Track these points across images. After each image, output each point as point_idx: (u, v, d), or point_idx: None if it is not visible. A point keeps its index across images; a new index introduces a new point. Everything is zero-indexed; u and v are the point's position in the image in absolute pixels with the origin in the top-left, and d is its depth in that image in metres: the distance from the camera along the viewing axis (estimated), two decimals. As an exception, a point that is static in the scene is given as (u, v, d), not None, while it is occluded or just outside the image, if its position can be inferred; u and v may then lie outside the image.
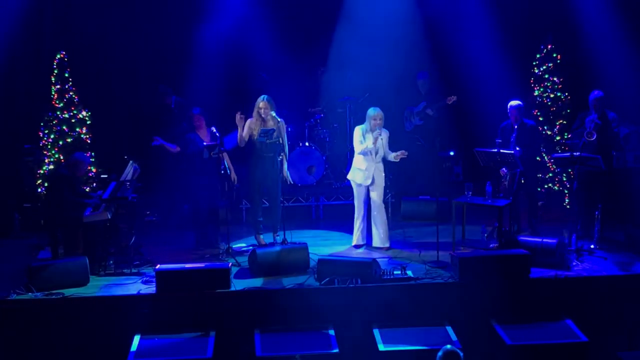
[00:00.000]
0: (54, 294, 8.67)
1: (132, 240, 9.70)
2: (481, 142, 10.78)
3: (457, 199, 10.23)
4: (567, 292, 8.91)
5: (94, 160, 11.28)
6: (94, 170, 11.25)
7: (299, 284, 8.95)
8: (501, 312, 8.68)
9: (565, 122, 12.18)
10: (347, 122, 12.58)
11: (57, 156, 11.15)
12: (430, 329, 8.43)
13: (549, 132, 12.22)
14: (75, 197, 9.70)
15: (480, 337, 8.53)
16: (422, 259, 9.71)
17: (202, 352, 8.01)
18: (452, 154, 13.09)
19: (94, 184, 11.09)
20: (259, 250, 9.48)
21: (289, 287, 8.90)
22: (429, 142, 12.72)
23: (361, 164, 10.21)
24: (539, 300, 8.87)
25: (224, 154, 10.30)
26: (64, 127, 11.25)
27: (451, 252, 9.47)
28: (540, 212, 11.06)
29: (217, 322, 8.51)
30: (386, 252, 10.11)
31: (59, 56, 11.30)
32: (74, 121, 11.30)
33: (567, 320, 8.59)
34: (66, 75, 11.31)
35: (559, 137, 12.19)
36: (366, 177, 10.18)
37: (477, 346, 8.35)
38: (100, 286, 9.01)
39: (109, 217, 9.56)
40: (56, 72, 11.32)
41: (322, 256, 9.22)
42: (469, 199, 10.11)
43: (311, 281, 9.01)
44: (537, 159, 11.32)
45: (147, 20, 12.39)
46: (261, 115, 10.12)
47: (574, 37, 12.59)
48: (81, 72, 11.69)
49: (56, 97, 11.30)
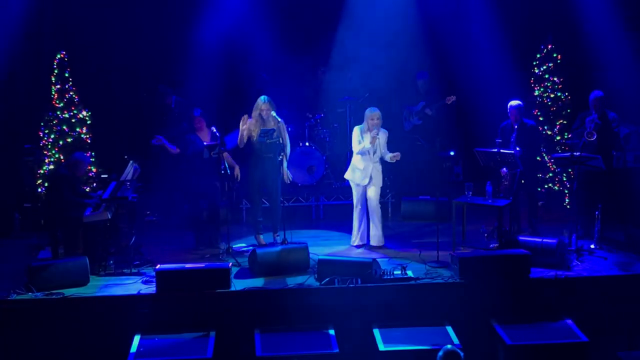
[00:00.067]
0: (54, 294, 8.66)
1: (132, 240, 9.71)
2: (481, 142, 10.77)
3: (457, 199, 10.22)
4: (567, 292, 8.91)
5: (94, 160, 11.29)
6: (94, 170, 11.25)
7: (299, 284, 8.94)
8: (501, 312, 8.68)
9: (565, 122, 12.19)
10: (347, 122, 12.58)
11: (57, 156, 11.15)
12: (430, 329, 8.42)
13: (549, 132, 12.23)
14: (75, 197, 9.70)
15: (480, 337, 8.53)
16: (422, 259, 9.71)
17: (202, 352, 8.00)
18: (452, 154, 13.08)
19: (94, 184, 11.09)
20: (259, 250, 9.48)
21: (289, 287, 8.89)
22: (429, 142, 12.73)
23: (359, 164, 10.21)
24: (539, 300, 8.87)
25: (224, 154, 10.29)
26: (64, 127, 11.26)
27: (451, 252, 9.47)
28: (540, 212, 11.05)
29: (217, 322, 8.51)
30: (386, 251, 10.11)
31: (59, 56, 11.31)
32: (74, 121, 11.30)
33: (567, 320, 8.58)
34: (66, 75, 11.33)
35: (559, 137, 12.20)
36: (364, 177, 10.18)
37: (477, 346, 8.35)
38: (100, 286, 9.00)
39: (109, 217, 9.55)
40: (56, 72, 11.33)
41: (322, 256, 9.22)
42: (469, 199, 10.11)
43: (311, 281, 9.00)
44: (537, 159, 11.32)
45: (147, 20, 12.38)
46: (262, 116, 10.13)
47: (574, 37, 12.59)
48: (81, 72, 11.69)
49: (56, 97, 11.31)
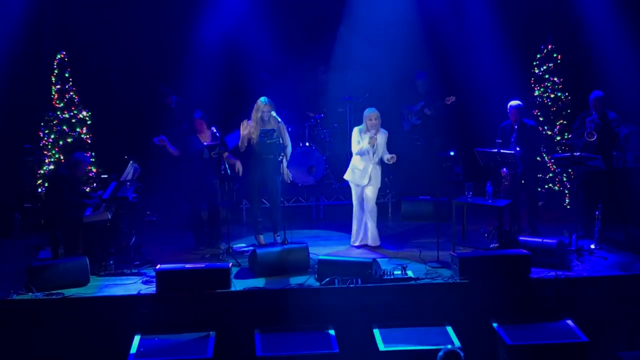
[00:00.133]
0: (54, 294, 8.65)
1: (132, 240, 9.71)
2: (481, 142, 10.77)
3: (457, 199, 10.22)
4: (567, 292, 8.91)
5: (94, 160, 11.29)
6: (94, 170, 11.25)
7: (299, 284, 8.94)
8: (501, 312, 8.68)
9: (565, 122, 12.19)
10: (347, 122, 12.58)
11: (57, 156, 11.15)
12: (430, 329, 8.42)
13: (549, 132, 12.23)
14: (75, 197, 9.70)
15: (480, 337, 8.53)
16: (422, 259, 9.71)
17: (202, 352, 8.00)
18: (452, 154, 13.08)
19: (94, 184, 11.09)
20: (259, 250, 9.48)
21: (289, 287, 8.89)
22: (429, 142, 12.72)
23: (359, 164, 10.20)
24: (539, 300, 8.87)
25: (225, 154, 10.28)
26: (64, 127, 11.26)
27: (451, 252, 9.47)
28: (540, 212, 11.05)
29: (217, 322, 8.50)
30: (386, 251, 10.10)
31: (59, 56, 11.31)
32: (74, 121, 11.31)
33: (567, 320, 8.58)
34: (66, 75, 11.33)
35: (559, 137, 12.20)
36: (363, 177, 10.17)
37: (477, 346, 8.35)
38: (100, 286, 9.00)
39: (109, 217, 9.56)
40: (56, 72, 11.33)
41: (322, 256, 9.21)
42: (469, 199, 10.10)
43: (311, 281, 9.00)
44: (537, 159, 11.31)
45: (147, 20, 12.37)
46: (263, 117, 10.14)
47: (574, 37, 12.60)
48: (81, 72, 11.69)
49: (56, 97, 11.31)
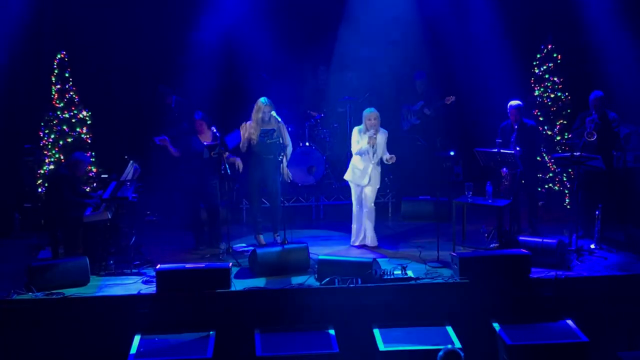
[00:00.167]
0: (54, 294, 8.65)
1: (132, 240, 9.71)
2: (481, 142, 10.77)
3: (458, 199, 10.22)
4: (567, 292, 8.91)
5: (94, 160, 11.29)
6: (94, 170, 11.26)
7: (299, 284, 8.94)
8: (501, 312, 8.68)
9: (565, 122, 12.20)
10: (347, 122, 12.57)
11: (57, 156, 11.15)
12: (430, 329, 8.42)
13: (550, 132, 12.23)
14: (75, 197, 9.70)
15: (480, 337, 8.53)
16: (422, 259, 9.70)
17: (202, 352, 8.00)
18: (452, 154, 13.09)
19: (94, 184, 11.09)
20: (259, 250, 9.48)
21: (289, 287, 8.89)
22: (429, 142, 12.72)
23: (359, 164, 10.20)
24: (539, 300, 8.86)
25: (225, 154, 10.28)
26: (65, 127, 11.27)
27: (451, 252, 9.47)
28: (540, 212, 11.05)
29: (217, 322, 8.50)
30: (386, 252, 10.10)
31: (59, 56, 11.32)
32: (74, 121, 11.31)
33: (567, 320, 8.58)
34: (66, 75, 11.34)
35: (559, 137, 12.20)
36: (363, 177, 10.17)
37: (477, 346, 8.35)
38: (100, 286, 9.00)
39: (109, 217, 9.56)
40: (57, 72, 11.34)
41: (322, 256, 9.21)
42: (469, 199, 10.10)
43: (311, 281, 9.00)
44: (537, 159, 11.31)
45: (147, 20, 12.37)
46: (264, 118, 10.14)
47: (574, 37, 12.60)
48: (81, 72, 11.70)
49: (56, 97, 11.32)
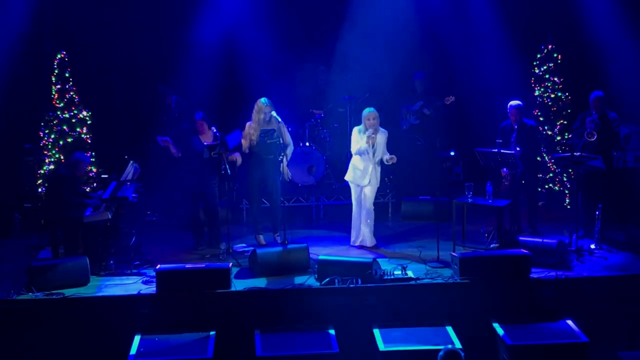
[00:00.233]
0: (54, 294, 8.65)
1: (133, 240, 9.72)
2: (481, 142, 10.77)
3: (457, 199, 10.22)
4: (567, 292, 8.91)
5: (94, 160, 11.29)
6: (94, 170, 11.26)
7: (299, 284, 8.94)
8: (501, 312, 8.67)
9: (565, 122, 12.20)
10: (347, 122, 12.58)
11: (57, 156, 11.16)
12: (430, 329, 8.42)
13: (550, 132, 12.23)
14: (75, 197, 9.70)
15: (480, 337, 8.52)
16: (422, 259, 9.70)
17: (202, 352, 7.99)
18: (452, 154, 13.08)
19: (94, 184, 11.10)
20: (259, 250, 9.48)
21: (289, 287, 8.89)
22: (429, 141, 12.72)
23: (359, 164, 10.20)
24: (539, 300, 8.86)
25: (226, 153, 10.27)
26: (65, 127, 11.27)
27: (451, 252, 9.46)
28: (540, 212, 11.05)
29: (217, 322, 8.50)
30: (386, 252, 10.10)
31: (59, 56, 11.33)
32: (74, 121, 11.31)
33: (567, 320, 8.58)
34: (67, 75, 11.34)
35: (559, 137, 12.20)
36: (364, 178, 10.17)
37: (477, 346, 8.35)
38: (100, 286, 9.00)
39: (110, 217, 9.56)
40: (57, 72, 11.35)
41: (322, 256, 9.20)
42: (469, 199, 10.09)
43: (311, 281, 9.00)
44: (537, 159, 11.31)
45: (147, 20, 12.38)
46: (265, 118, 10.15)
47: (574, 37, 12.61)
48: (82, 72, 11.70)
49: (57, 97, 11.32)
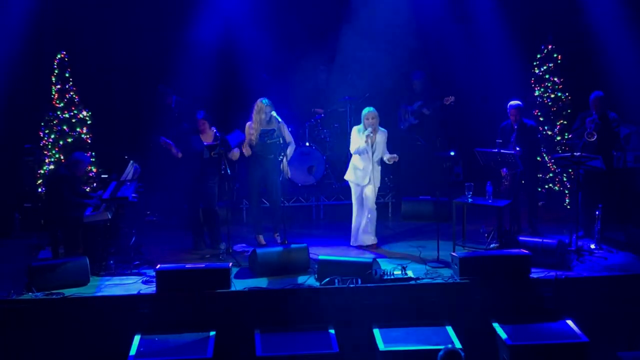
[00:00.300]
0: (54, 294, 8.65)
1: (132, 240, 9.72)
2: (481, 142, 10.77)
3: (457, 199, 10.21)
4: (567, 292, 8.90)
5: (94, 160, 11.29)
6: (94, 170, 11.26)
7: (299, 284, 8.95)
8: (501, 312, 8.67)
9: (565, 122, 12.20)
10: (347, 122, 12.58)
11: (57, 156, 11.16)
12: (430, 329, 8.42)
13: (550, 132, 12.23)
14: (75, 197, 9.70)
15: (480, 337, 8.52)
16: (422, 259, 9.70)
17: (202, 352, 8.00)
18: (452, 154, 13.09)
19: (94, 184, 11.10)
20: (259, 250, 9.48)
21: (289, 287, 8.89)
22: (429, 141, 12.72)
23: (359, 164, 10.20)
24: (539, 300, 8.86)
25: (228, 153, 10.26)
26: (65, 127, 11.27)
27: (451, 252, 9.46)
28: (540, 212, 11.05)
29: (217, 322, 8.50)
30: (386, 251, 10.10)
31: (59, 56, 11.33)
32: (74, 121, 11.32)
33: (567, 320, 8.58)
34: (67, 75, 11.35)
35: (559, 137, 12.20)
36: (364, 177, 10.16)
37: (477, 346, 8.35)
38: (100, 286, 9.00)
39: (109, 217, 9.56)
40: (57, 72, 11.35)
41: (322, 256, 9.20)
42: (469, 199, 10.09)
43: (311, 281, 9.00)
44: (537, 159, 11.31)
45: (147, 20, 12.37)
46: (265, 118, 10.15)
47: (574, 37, 12.60)
48: (82, 72, 11.70)
49: (57, 97, 11.32)
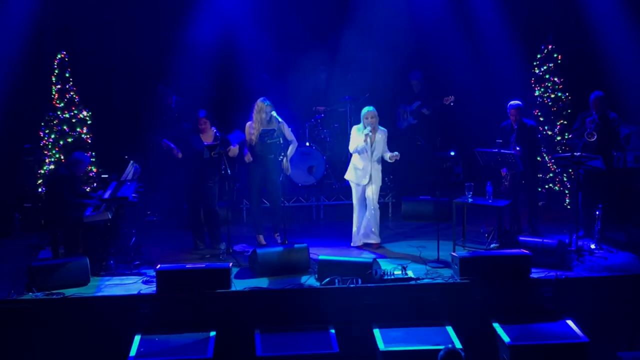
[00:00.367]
0: (54, 294, 8.65)
1: (133, 240, 9.72)
2: (481, 142, 10.77)
3: (457, 199, 10.21)
4: (567, 292, 8.91)
5: (94, 160, 11.29)
6: (94, 170, 11.26)
7: (300, 284, 8.95)
8: (501, 312, 8.68)
9: (565, 122, 12.20)
10: (347, 122, 12.58)
11: (57, 156, 11.15)
12: (430, 329, 8.42)
13: (550, 132, 12.23)
14: (75, 197, 9.70)
15: (480, 337, 8.53)
16: (422, 259, 9.71)
17: (202, 352, 8.00)
18: (452, 154, 13.09)
19: (94, 184, 11.10)
20: (259, 250, 9.48)
21: (289, 287, 8.89)
22: (429, 141, 12.72)
23: (359, 163, 10.20)
24: (539, 300, 8.86)
25: (230, 149, 10.26)
26: (65, 127, 11.26)
27: (451, 252, 9.46)
28: (540, 212, 11.05)
29: (217, 322, 8.50)
30: (386, 251, 10.10)
31: (59, 56, 11.32)
32: (74, 121, 11.31)
33: (567, 320, 8.58)
34: (67, 75, 11.33)
35: (559, 137, 12.20)
36: (364, 177, 10.17)
37: (477, 346, 8.35)
38: (100, 286, 9.00)
39: (109, 217, 9.56)
40: (57, 72, 11.33)
41: (322, 256, 9.20)
42: (470, 199, 10.09)
43: (312, 281, 9.00)
44: (537, 159, 11.31)
45: (147, 20, 12.38)
46: (265, 118, 10.15)
47: (574, 37, 12.60)
48: (82, 72, 11.69)
49: (57, 97, 11.31)
